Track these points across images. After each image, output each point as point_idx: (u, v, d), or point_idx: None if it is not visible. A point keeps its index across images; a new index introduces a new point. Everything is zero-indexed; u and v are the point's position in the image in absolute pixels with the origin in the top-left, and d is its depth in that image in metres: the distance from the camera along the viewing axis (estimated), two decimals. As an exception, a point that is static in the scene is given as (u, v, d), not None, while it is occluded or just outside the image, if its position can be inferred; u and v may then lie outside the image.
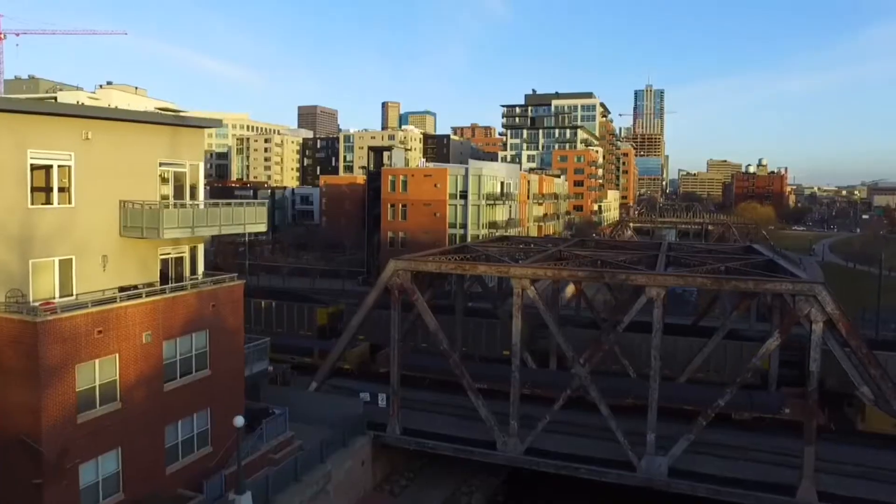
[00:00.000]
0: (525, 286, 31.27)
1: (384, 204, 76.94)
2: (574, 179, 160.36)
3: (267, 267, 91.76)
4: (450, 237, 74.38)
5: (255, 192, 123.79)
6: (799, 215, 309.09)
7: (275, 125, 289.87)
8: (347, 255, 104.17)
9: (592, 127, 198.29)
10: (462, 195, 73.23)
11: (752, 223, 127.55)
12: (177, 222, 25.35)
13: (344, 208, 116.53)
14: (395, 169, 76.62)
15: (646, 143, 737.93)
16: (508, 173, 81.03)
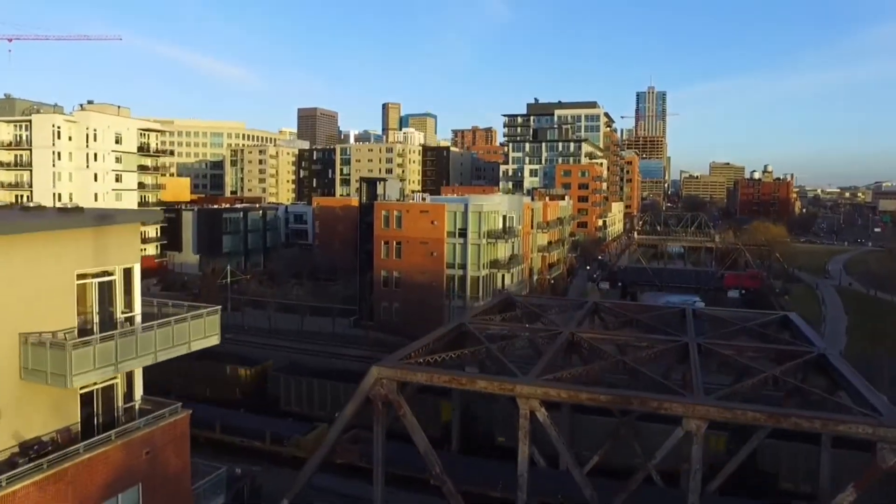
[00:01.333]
0: (534, 407, 25.83)
1: (377, 240, 71.50)
2: (578, 195, 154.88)
3: (253, 301, 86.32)
4: (448, 278, 68.94)
5: (244, 214, 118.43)
6: (806, 223, 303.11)
7: (271, 133, 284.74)
8: (340, 285, 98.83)
9: (596, 138, 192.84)
10: (461, 233, 67.79)
11: (764, 245, 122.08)
12: (92, 363, 19.85)
13: (337, 231, 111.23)
14: (389, 203, 71.13)
15: (647, 145, 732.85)
16: (511, 206, 75.50)
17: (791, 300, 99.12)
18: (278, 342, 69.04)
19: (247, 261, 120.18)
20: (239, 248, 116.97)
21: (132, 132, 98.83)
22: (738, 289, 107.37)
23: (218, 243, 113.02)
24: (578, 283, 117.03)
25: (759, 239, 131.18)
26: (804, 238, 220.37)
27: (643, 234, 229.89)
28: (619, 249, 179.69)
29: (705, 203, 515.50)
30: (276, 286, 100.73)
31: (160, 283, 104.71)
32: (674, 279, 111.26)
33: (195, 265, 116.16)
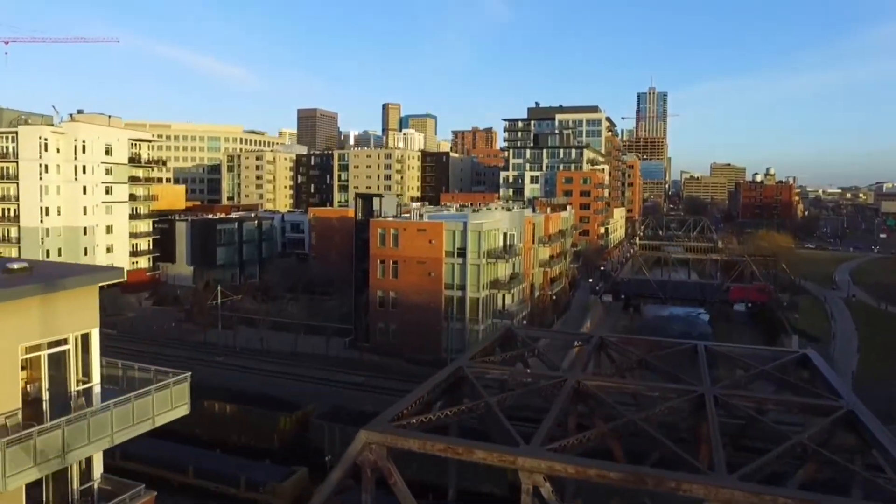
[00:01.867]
0: (538, 482, 23.21)
1: (373, 259, 69.00)
2: (580, 202, 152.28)
3: (246, 319, 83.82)
4: (446, 299, 66.40)
5: (239, 224, 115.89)
6: (809, 226, 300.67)
7: (269, 137, 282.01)
8: (336, 300, 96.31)
9: (598, 143, 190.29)
10: (460, 253, 65.29)
11: (770, 256, 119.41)
12: (32, 459, 17.32)
13: (334, 242, 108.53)
14: (385, 221, 68.62)
15: (648, 146, 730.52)
16: (511, 222, 73.03)
17: (799, 315, 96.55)
18: (271, 367, 66.49)
19: (242, 272, 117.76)
20: (233, 259, 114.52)
21: (123, 143, 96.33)
22: (745, 302, 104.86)
23: (212, 255, 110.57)
24: (581, 295, 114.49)
25: (765, 248, 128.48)
26: (808, 244, 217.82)
27: (645, 240, 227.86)
28: (621, 257, 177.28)
29: (706, 205, 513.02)
30: (270, 301, 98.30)
31: (152, 296, 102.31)
32: (678, 292, 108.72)
33: (189, 277, 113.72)
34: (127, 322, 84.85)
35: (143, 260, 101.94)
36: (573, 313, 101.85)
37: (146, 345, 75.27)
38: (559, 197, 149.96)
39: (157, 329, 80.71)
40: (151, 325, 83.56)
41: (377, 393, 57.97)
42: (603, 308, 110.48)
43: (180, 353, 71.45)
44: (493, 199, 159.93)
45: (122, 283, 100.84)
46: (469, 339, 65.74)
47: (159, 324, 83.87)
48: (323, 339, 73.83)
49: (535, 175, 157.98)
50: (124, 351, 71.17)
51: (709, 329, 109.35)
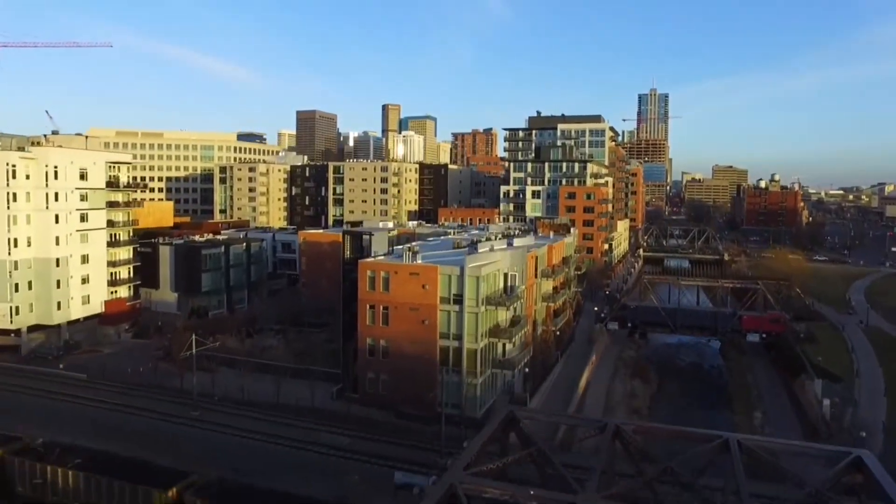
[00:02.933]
0: None
1: (361, 304, 63.30)
2: (583, 218, 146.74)
3: (227, 360, 78.15)
4: (441, 349, 60.70)
5: (226, 248, 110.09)
6: (815, 234, 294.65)
7: (265, 146, 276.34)
8: (327, 332, 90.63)
9: (601, 153, 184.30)
10: (456, 299, 59.58)
11: (783, 279, 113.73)
12: None
13: (325, 268, 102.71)
14: (375, 263, 62.90)
15: (650, 148, 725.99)
16: (513, 262, 67.41)
17: (818, 348, 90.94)
18: (248, 423, 60.84)
19: (229, 298, 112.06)
20: (220, 285, 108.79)
21: (99, 166, 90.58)
22: (759, 333, 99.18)
23: (197, 282, 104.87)
24: (585, 323, 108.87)
25: (777, 269, 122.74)
26: (817, 256, 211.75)
27: (649, 251, 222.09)
28: (625, 272, 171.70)
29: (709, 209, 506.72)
30: (256, 333, 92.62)
31: (132, 328, 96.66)
32: (688, 320, 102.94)
33: (173, 304, 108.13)
34: (99, 364, 79.13)
35: (123, 289, 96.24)
36: (577, 346, 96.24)
37: (117, 392, 69.74)
38: (562, 215, 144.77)
39: (131, 372, 74.97)
40: (126, 366, 77.83)
41: (362, 461, 52.40)
42: (609, 336, 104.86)
43: (152, 404, 65.84)
44: (494, 214, 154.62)
45: (101, 315, 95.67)
46: (466, 394, 60.16)
47: (135, 364, 78.14)
48: (309, 383, 67.91)
49: (536, 189, 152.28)
50: (89, 406, 65.79)
51: (720, 360, 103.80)
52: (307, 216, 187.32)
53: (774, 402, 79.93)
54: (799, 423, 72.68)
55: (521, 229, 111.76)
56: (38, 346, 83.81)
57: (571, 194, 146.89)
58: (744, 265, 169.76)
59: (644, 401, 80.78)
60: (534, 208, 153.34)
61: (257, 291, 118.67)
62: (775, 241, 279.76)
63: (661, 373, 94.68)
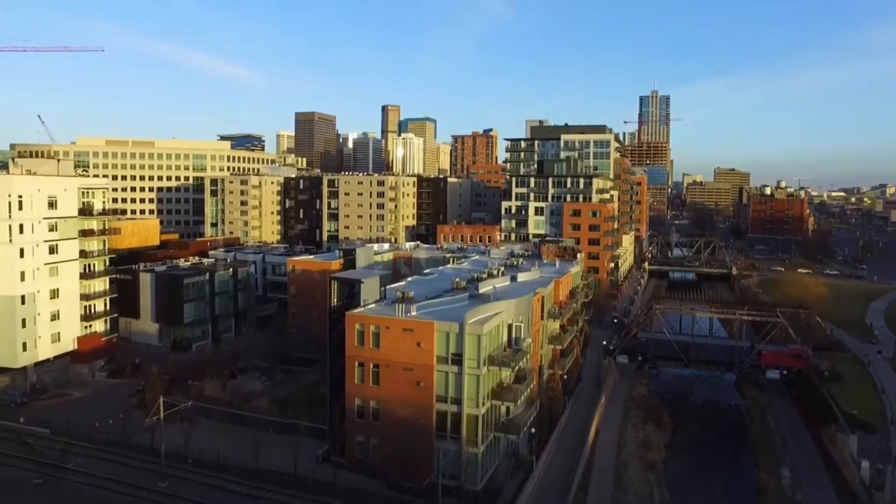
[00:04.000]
0: None
1: (349, 361, 56.70)
2: (589, 237, 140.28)
3: (205, 410, 71.51)
4: (438, 414, 54.11)
5: (211, 275, 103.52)
6: (822, 243, 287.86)
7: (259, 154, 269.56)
8: (317, 371, 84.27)
9: (606, 165, 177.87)
10: (455, 359, 52.99)
11: (803, 308, 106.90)
12: None
13: (315, 299, 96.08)
14: (364, 316, 56.29)
15: (651, 151, 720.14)
16: (519, 309, 60.91)
17: (844, 389, 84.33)
18: (222, 498, 54.25)
19: (215, 328, 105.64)
20: (204, 314, 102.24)
21: (71, 192, 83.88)
22: (779, 369, 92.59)
23: (178, 313, 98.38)
24: (593, 356, 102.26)
25: (793, 294, 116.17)
26: (828, 270, 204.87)
27: (655, 265, 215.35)
28: (631, 290, 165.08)
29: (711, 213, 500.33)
30: (239, 374, 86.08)
31: (108, 365, 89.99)
32: (703, 354, 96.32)
33: (154, 335, 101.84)
34: (67, 412, 72.45)
35: (98, 323, 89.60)
36: (585, 385, 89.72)
37: (77, 453, 63.04)
38: (566, 234, 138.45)
39: (99, 426, 68.26)
40: (96, 414, 71.15)
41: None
42: (618, 370, 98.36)
43: (117, 470, 59.22)
44: (495, 231, 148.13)
45: (74, 352, 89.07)
46: (466, 463, 53.57)
47: (106, 412, 71.45)
48: (294, 441, 61.22)
49: (539, 206, 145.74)
50: (48, 474, 58.82)
51: (737, 397, 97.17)
52: (301, 230, 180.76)
53: (802, 455, 73.29)
54: (832, 483, 66.16)
55: (525, 254, 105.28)
56: (1, 391, 77.22)
57: (576, 211, 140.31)
58: (754, 284, 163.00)
59: (659, 452, 74.17)
60: (537, 225, 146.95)
61: (245, 319, 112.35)
62: (783, 252, 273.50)
63: (675, 413, 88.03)
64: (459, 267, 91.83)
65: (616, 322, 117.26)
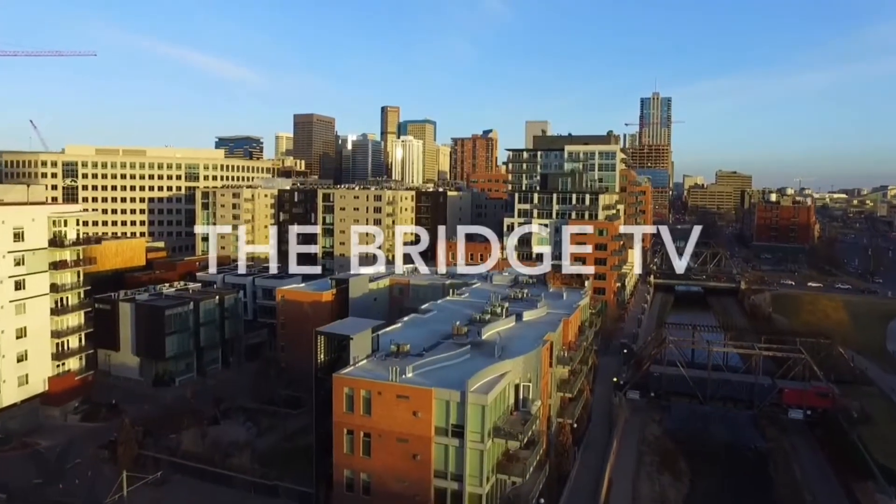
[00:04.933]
0: None
1: (337, 428, 50.45)
2: (595, 256, 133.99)
3: (181, 467, 65.27)
4: (437, 491, 47.90)
5: (195, 305, 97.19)
6: (829, 252, 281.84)
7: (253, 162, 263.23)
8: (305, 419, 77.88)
9: (612, 178, 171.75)
10: (456, 431, 46.81)
11: (825, 339, 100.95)
12: None
13: (305, 332, 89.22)
14: (354, 379, 50.08)
15: (653, 153, 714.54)
16: (527, 366, 54.76)
17: (875, 432, 78.31)
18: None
19: (200, 360, 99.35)
20: (188, 347, 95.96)
21: (40, 222, 77.54)
22: (803, 409, 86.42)
23: (160, 346, 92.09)
24: (602, 391, 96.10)
25: (812, 320, 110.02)
26: (839, 284, 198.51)
27: (660, 278, 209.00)
28: (638, 309, 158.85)
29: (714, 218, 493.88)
30: (223, 419, 79.75)
31: (82, 406, 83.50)
32: (720, 391, 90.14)
33: (135, 368, 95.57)
34: (30, 467, 66.17)
35: (72, 361, 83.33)
36: (595, 427, 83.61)
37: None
38: (572, 255, 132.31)
39: (62, 488, 61.99)
40: (59, 477, 64.83)
41: None
42: (629, 408, 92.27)
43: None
44: (497, 250, 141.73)
45: (44, 394, 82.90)
46: (468, 548, 47.33)
47: (70, 475, 65.14)
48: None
49: (543, 223, 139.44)
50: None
51: (757, 437, 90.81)
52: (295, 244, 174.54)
53: (835, 515, 67.19)
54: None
55: (529, 281, 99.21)
56: (-39, 443, 71.02)
57: (582, 231, 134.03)
58: (766, 302, 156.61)
59: (677, 510, 68.08)
60: (540, 242, 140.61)
61: (233, 349, 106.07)
62: (790, 262, 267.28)
63: (692, 457, 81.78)
64: (460, 299, 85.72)
65: (625, 351, 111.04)
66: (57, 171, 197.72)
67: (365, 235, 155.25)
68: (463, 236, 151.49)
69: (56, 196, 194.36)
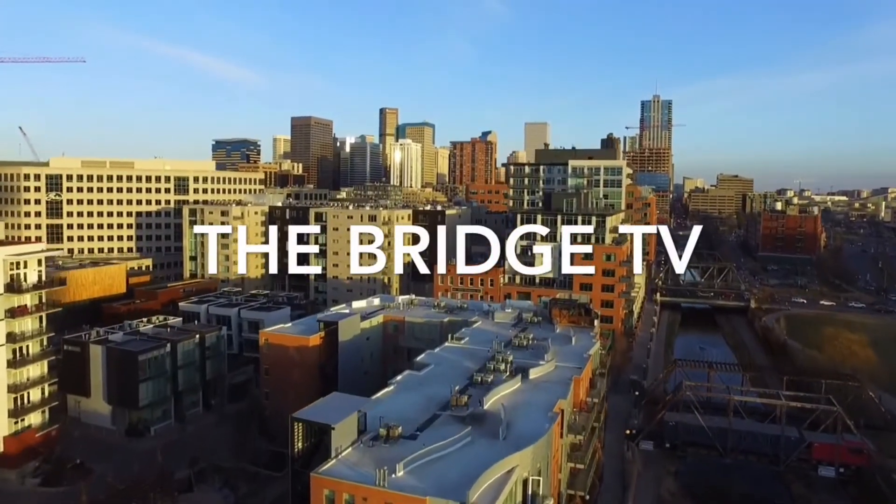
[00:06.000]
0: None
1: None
2: (602, 283, 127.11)
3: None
4: None
5: (173, 348, 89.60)
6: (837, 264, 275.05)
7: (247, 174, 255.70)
8: (286, 487, 70.41)
9: (618, 194, 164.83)
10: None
11: (852, 380, 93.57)
12: None
13: (291, 380, 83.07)
14: (335, 481, 42.43)
15: (653, 157, 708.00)
16: (537, 456, 47.38)
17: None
18: None
19: (178, 405, 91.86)
20: (164, 393, 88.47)
21: (-4, 266, 70.22)
22: (835, 466, 79.19)
23: (133, 395, 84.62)
24: (612, 438, 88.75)
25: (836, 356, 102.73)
26: (853, 302, 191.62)
27: (667, 296, 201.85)
28: (646, 334, 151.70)
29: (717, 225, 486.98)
30: (196, 484, 72.34)
31: (43, 466, 75.88)
32: (742, 444, 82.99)
33: (107, 416, 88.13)
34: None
35: (33, 416, 75.92)
36: (608, 491, 76.24)
37: None
38: (577, 282, 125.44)
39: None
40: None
41: None
42: (642, 460, 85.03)
43: None
44: (498, 274, 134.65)
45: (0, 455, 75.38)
46: None
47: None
48: None
49: (547, 247, 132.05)
50: None
51: (788, 499, 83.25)
52: (286, 264, 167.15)
53: None
54: None
55: (534, 319, 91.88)
56: None
57: (588, 255, 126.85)
58: (782, 329, 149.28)
59: None
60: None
61: (215, 390, 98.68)
62: (797, 274, 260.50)
63: (714, 521, 74.81)
64: (459, 346, 78.22)
65: (636, 394, 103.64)
66: (40, 185, 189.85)
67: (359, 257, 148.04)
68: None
69: (39, 210, 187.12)
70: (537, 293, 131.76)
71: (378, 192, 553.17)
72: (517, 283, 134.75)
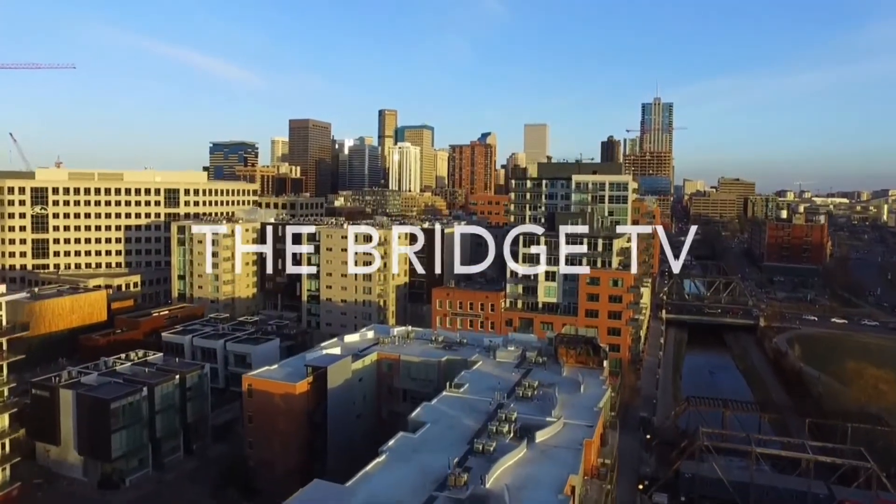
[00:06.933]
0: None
1: None
2: (609, 309, 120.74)
3: None
4: None
5: (150, 391, 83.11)
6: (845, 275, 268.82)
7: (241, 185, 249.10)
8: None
9: (624, 210, 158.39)
10: None
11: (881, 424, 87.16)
12: None
13: (277, 429, 76.83)
14: None
15: (654, 160, 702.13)
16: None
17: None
18: None
19: (157, 452, 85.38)
20: (140, 441, 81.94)
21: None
22: (866, 526, 72.89)
23: (105, 445, 78.12)
24: (623, 494, 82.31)
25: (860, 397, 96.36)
26: (866, 320, 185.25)
27: (672, 313, 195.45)
28: (654, 359, 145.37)
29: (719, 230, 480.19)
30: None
31: (5, 528, 69.86)
32: (765, 499, 76.66)
33: (79, 466, 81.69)
34: None
35: (-7, 473, 69.61)
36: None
37: None
38: (583, 306, 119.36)
39: None
40: None
41: None
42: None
43: None
44: (499, 299, 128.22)
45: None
46: None
47: None
48: None
49: (551, 271, 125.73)
50: None
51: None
52: (280, 283, 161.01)
53: None
54: None
55: (540, 360, 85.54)
56: None
57: (594, 280, 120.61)
58: (795, 352, 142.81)
59: None
60: (547, 293, 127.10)
61: (197, 433, 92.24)
62: (804, 286, 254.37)
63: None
64: (458, 395, 71.77)
65: (648, 437, 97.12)
66: (25, 199, 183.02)
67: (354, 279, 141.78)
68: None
69: (24, 225, 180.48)
70: (540, 319, 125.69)
71: (376, 198, 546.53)
72: (519, 309, 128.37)
